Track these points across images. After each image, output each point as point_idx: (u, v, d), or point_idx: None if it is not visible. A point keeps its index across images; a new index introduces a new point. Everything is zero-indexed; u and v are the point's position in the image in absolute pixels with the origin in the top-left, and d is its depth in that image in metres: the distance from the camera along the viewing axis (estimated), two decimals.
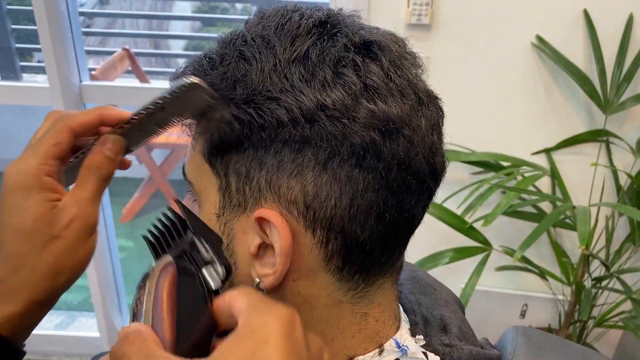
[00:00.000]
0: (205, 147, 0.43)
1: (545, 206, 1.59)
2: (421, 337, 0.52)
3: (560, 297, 1.67)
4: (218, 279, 0.39)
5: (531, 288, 1.77)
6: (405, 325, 0.52)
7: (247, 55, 0.41)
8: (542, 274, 1.56)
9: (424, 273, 0.73)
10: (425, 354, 0.50)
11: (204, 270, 0.39)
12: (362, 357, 0.47)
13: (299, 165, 0.40)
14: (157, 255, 0.41)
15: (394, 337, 0.49)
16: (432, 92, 0.46)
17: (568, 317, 1.58)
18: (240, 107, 0.40)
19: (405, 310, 0.55)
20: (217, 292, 0.38)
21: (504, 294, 1.80)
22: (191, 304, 0.37)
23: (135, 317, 0.37)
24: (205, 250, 0.39)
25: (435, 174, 0.45)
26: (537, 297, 1.77)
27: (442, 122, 0.47)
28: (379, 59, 0.42)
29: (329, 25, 0.43)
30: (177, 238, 0.41)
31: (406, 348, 0.49)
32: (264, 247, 0.42)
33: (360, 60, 0.41)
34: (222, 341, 0.33)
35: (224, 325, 0.37)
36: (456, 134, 1.54)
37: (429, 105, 0.44)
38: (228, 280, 0.39)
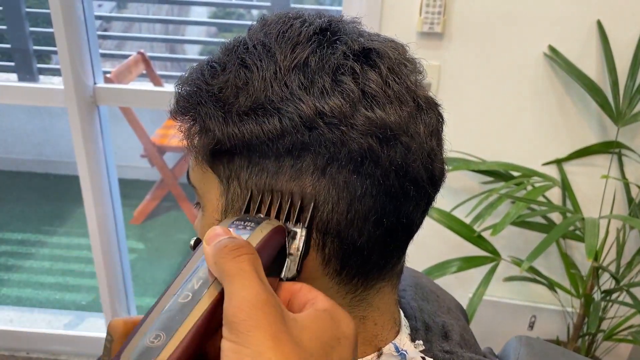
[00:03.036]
0: (209, 153, 0.44)
1: (556, 217, 1.58)
2: (421, 342, 0.52)
3: (569, 309, 1.66)
4: (289, 275, 0.41)
5: (540, 299, 1.76)
6: (405, 330, 0.52)
7: (249, 63, 0.42)
8: (551, 285, 1.54)
9: (428, 280, 0.73)
10: (424, 359, 0.50)
11: (288, 258, 0.41)
12: None
13: (298, 171, 0.41)
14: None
15: (393, 342, 0.49)
16: (431, 98, 0.46)
17: (576, 330, 1.56)
18: (242, 118, 0.41)
19: (406, 316, 0.56)
20: None
21: (513, 304, 1.79)
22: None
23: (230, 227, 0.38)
24: (296, 248, 0.41)
25: (434, 180, 0.45)
26: (546, 309, 1.76)
27: (442, 129, 0.47)
28: (377, 66, 0.42)
29: (329, 33, 0.43)
30: (286, 216, 0.41)
31: (405, 352, 0.49)
32: None
33: (359, 68, 0.41)
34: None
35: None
36: (467, 142, 1.55)
37: (428, 112, 0.44)
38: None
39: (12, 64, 3.24)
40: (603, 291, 1.51)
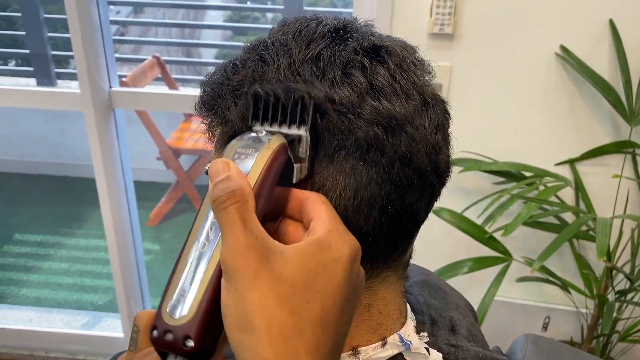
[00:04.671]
0: (226, 141, 0.46)
1: (569, 218, 1.57)
2: (425, 334, 0.53)
3: (584, 310, 1.65)
4: (299, 178, 0.42)
5: (554, 300, 1.75)
6: (411, 323, 0.53)
7: (266, 58, 0.45)
8: (565, 286, 1.54)
9: (437, 278, 0.73)
10: (427, 350, 0.51)
11: (295, 165, 0.41)
12: (365, 347, 0.48)
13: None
14: (260, 118, 0.42)
15: (398, 332, 0.50)
16: (438, 95, 0.48)
17: (590, 331, 1.55)
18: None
19: (413, 310, 0.56)
20: None
21: (526, 305, 1.78)
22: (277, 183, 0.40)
23: (233, 158, 0.39)
24: (304, 150, 0.42)
25: (439, 172, 0.46)
26: (560, 310, 1.75)
27: (448, 125, 0.48)
28: (386, 62, 0.44)
29: (341, 32, 0.46)
30: (289, 120, 0.42)
31: (409, 343, 0.50)
32: None
33: (368, 63, 0.43)
34: (293, 235, 0.39)
35: (286, 211, 0.41)
36: (478, 143, 1.55)
37: (434, 107, 0.46)
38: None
39: (31, 68, 3.30)
40: (617, 292, 1.50)
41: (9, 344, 2.05)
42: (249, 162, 0.39)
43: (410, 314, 0.55)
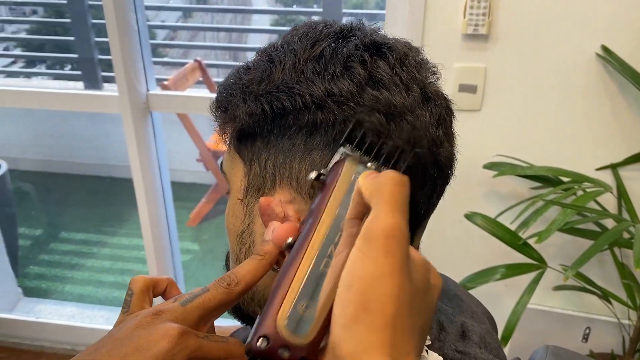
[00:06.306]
0: (236, 137, 0.49)
1: (611, 225, 1.51)
2: (428, 337, 0.52)
3: (626, 321, 1.58)
4: None
5: (595, 310, 1.68)
6: None
7: (274, 58, 0.47)
8: (605, 295, 1.48)
9: (454, 285, 0.73)
10: (427, 352, 0.51)
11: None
12: None
13: (309, 147, 0.44)
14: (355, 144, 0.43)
15: None
16: (442, 93, 0.49)
17: (633, 344, 1.49)
18: (259, 99, 0.45)
19: None
20: None
21: (566, 315, 1.72)
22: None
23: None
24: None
25: (439, 165, 0.46)
26: (601, 321, 1.68)
27: (451, 122, 0.49)
28: (386, 56, 0.45)
29: (345, 32, 0.47)
30: (382, 161, 0.42)
31: None
32: None
33: (368, 57, 0.45)
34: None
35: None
36: (514, 146, 1.51)
37: (435, 102, 0.47)
38: None
39: (79, 72, 3.42)
40: None
41: (52, 339, 2.12)
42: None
43: None
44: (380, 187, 0.36)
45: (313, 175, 0.42)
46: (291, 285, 0.35)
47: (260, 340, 0.33)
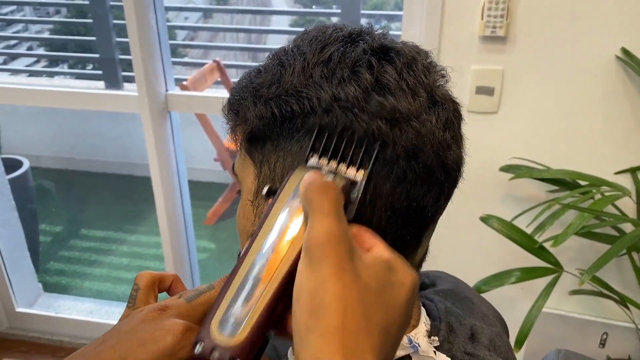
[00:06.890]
0: (247, 140, 0.49)
1: (629, 229, 1.49)
2: (436, 338, 0.53)
3: None
4: (349, 219, 0.42)
5: (613, 316, 1.66)
6: (423, 326, 0.54)
7: (284, 62, 0.47)
8: (623, 301, 1.46)
9: (466, 287, 0.73)
10: (435, 353, 0.51)
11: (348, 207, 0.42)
12: None
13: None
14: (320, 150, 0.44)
15: (407, 335, 0.51)
16: (450, 96, 0.49)
17: None
18: (268, 102, 0.46)
19: (430, 316, 0.57)
20: None
21: (583, 320, 1.70)
22: None
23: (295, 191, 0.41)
24: (356, 195, 0.43)
25: (447, 169, 0.46)
26: (619, 326, 1.66)
27: (459, 125, 0.49)
28: (393, 61, 0.46)
29: (354, 35, 0.48)
30: (348, 161, 0.43)
31: (417, 345, 0.51)
32: None
33: (376, 62, 0.45)
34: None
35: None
36: (531, 149, 1.50)
37: (443, 105, 0.47)
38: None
39: (101, 72, 3.47)
40: None
41: (71, 334, 2.16)
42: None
43: (424, 318, 0.55)
44: (307, 196, 0.38)
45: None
46: (227, 292, 0.38)
47: (197, 345, 0.36)
